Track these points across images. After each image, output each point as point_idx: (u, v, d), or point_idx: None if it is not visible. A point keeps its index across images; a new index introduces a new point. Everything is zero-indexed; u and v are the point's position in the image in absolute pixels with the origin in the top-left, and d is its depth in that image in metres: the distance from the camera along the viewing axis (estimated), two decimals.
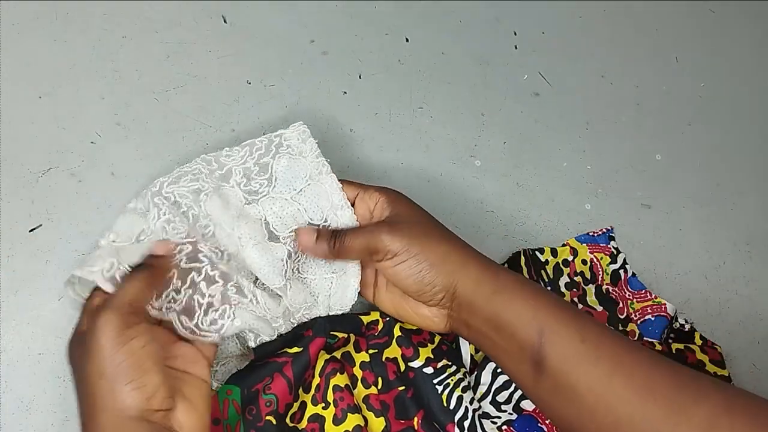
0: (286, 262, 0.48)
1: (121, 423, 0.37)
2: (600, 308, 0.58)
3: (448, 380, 0.50)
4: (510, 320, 0.42)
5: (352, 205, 0.50)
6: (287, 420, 0.47)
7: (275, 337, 0.48)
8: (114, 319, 0.38)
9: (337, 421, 0.47)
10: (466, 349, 0.53)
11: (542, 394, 0.42)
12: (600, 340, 0.40)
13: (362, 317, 0.51)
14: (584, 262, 0.59)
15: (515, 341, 0.42)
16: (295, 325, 0.49)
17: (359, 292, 0.51)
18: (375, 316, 0.51)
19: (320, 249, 0.47)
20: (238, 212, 0.50)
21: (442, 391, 0.49)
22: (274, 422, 0.46)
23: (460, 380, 0.50)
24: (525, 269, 0.57)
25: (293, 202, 0.51)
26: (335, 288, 0.50)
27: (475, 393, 0.51)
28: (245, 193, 0.51)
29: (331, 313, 0.50)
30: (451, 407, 0.49)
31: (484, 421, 0.50)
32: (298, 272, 0.50)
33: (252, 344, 0.48)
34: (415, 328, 0.51)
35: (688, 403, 0.37)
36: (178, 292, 0.46)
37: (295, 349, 0.48)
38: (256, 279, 0.49)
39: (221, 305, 0.46)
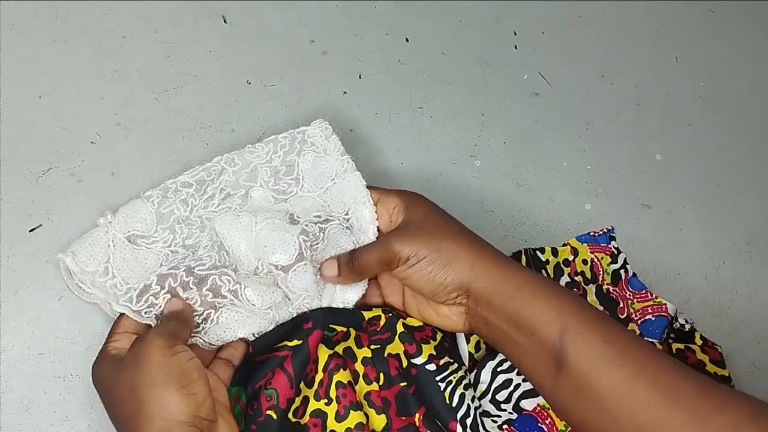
0: (299, 237, 0.50)
1: (171, 429, 0.38)
2: (601, 308, 0.58)
3: (451, 377, 0.50)
4: (531, 317, 0.42)
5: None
6: (290, 415, 0.47)
7: (272, 327, 0.49)
8: (161, 336, 0.41)
9: (340, 417, 0.47)
10: (463, 347, 0.53)
11: (562, 395, 0.41)
12: (624, 343, 0.40)
13: (364, 312, 0.51)
14: (585, 261, 0.59)
15: (536, 339, 0.42)
16: (294, 315, 0.50)
17: (387, 301, 0.52)
18: (377, 311, 0.51)
19: (344, 276, 0.49)
20: (261, 208, 0.52)
21: (445, 389, 0.49)
22: (275, 416, 0.46)
23: (462, 378, 0.50)
24: None
25: (318, 199, 0.53)
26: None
27: (475, 391, 0.51)
28: (274, 192, 0.53)
29: (333, 305, 0.50)
30: (454, 405, 0.49)
31: (485, 419, 0.50)
32: (311, 256, 0.51)
33: (250, 338, 0.48)
34: (418, 324, 0.52)
35: (712, 410, 0.37)
36: (156, 297, 0.47)
37: (295, 342, 0.48)
38: (257, 269, 0.50)
39: (205, 310, 0.47)
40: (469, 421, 0.48)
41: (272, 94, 0.61)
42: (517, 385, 0.51)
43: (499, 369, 0.52)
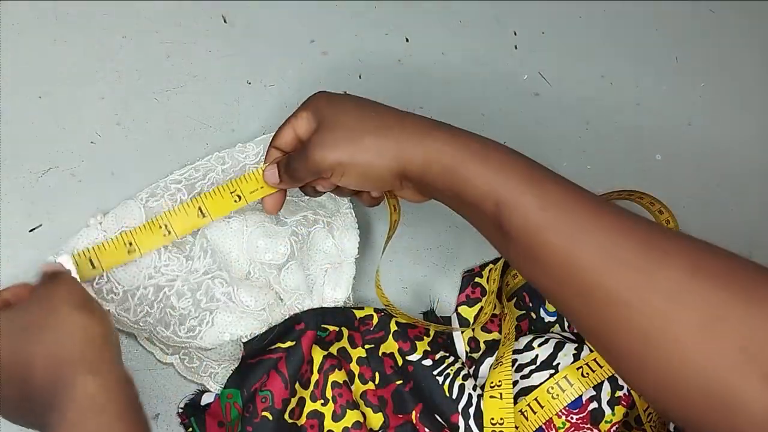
0: (290, 239, 0.50)
1: None
2: None
3: (448, 370, 0.50)
4: (469, 194, 0.41)
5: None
6: (286, 416, 0.47)
7: (266, 329, 0.49)
8: None
9: (337, 417, 0.47)
10: (460, 342, 0.53)
11: (513, 259, 0.41)
12: (562, 206, 0.38)
13: (355, 311, 0.51)
14: None
15: (478, 213, 0.41)
16: (287, 316, 0.50)
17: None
18: (369, 311, 0.51)
19: (284, 183, 0.47)
20: (247, 209, 0.52)
21: (443, 382, 0.49)
22: (271, 418, 0.46)
23: (460, 369, 0.50)
24: None
25: (302, 203, 0.53)
26: (329, 277, 0.51)
27: (475, 381, 0.51)
28: None
29: (324, 305, 0.51)
30: (454, 396, 0.49)
31: None
32: (300, 256, 0.51)
33: (243, 339, 0.49)
34: (411, 322, 0.52)
35: (654, 268, 0.35)
36: (151, 306, 0.48)
37: (288, 343, 0.48)
38: (249, 273, 0.50)
39: (199, 313, 0.48)
40: (471, 410, 0.48)
41: (272, 94, 0.61)
42: (515, 382, 0.51)
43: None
